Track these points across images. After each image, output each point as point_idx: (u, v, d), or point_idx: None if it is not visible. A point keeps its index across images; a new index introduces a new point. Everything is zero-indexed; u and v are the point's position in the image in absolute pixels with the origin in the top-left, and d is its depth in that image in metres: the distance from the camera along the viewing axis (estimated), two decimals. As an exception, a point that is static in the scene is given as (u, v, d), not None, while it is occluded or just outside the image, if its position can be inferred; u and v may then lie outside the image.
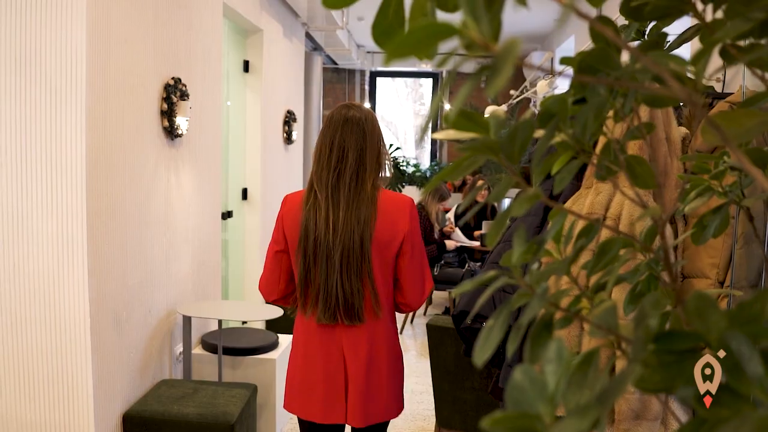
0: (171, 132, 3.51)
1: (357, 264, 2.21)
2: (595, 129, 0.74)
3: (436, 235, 6.37)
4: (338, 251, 2.20)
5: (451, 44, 0.48)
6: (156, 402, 3.12)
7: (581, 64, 0.71)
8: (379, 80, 11.28)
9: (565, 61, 0.73)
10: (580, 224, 2.40)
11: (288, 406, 2.38)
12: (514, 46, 0.41)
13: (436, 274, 6.32)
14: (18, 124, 2.66)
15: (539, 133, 0.68)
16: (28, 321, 2.73)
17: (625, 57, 0.71)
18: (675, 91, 0.50)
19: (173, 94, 3.48)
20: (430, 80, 11.08)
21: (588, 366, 0.59)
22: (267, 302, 2.54)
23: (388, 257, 2.27)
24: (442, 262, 6.47)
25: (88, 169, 2.71)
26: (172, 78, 3.52)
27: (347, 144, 2.22)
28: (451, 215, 7.43)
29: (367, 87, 10.90)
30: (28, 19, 2.62)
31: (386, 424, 2.42)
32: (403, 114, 12.34)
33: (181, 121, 3.56)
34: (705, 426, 0.52)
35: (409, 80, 12.06)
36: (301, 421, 2.42)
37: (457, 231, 6.86)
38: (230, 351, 3.81)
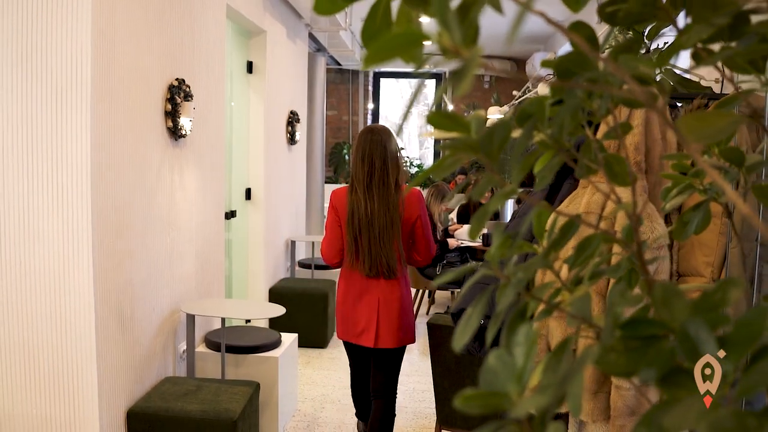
0: (175, 132, 3.56)
1: (389, 237, 3.18)
2: (572, 129, 0.77)
3: (438, 235, 6.40)
4: (376, 228, 3.17)
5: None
6: (159, 399, 3.17)
7: (559, 67, 0.75)
8: (383, 81, 11.32)
9: (545, 64, 0.77)
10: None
11: (340, 336, 3.41)
12: (476, 55, 0.45)
13: (438, 273, 6.35)
14: (24, 124, 2.70)
15: (517, 132, 0.72)
16: (34, 318, 2.78)
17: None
18: (635, 93, 0.54)
19: (177, 94, 3.52)
20: (433, 81, 11.09)
21: (562, 352, 0.63)
22: (327, 264, 3.40)
23: (407, 231, 3.27)
24: (445, 261, 6.49)
25: (93, 168, 2.75)
26: (176, 79, 3.57)
27: (374, 156, 3.16)
28: (453, 215, 7.46)
29: (370, 88, 10.93)
30: (34, 20, 2.67)
31: (404, 348, 3.42)
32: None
33: (184, 122, 3.60)
34: (666, 405, 0.55)
35: (413, 81, 12.08)
36: (346, 344, 3.46)
37: (464, 228, 6.87)
38: (233, 349, 3.85)
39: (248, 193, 5.56)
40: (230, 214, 5.11)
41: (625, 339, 0.60)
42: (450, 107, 10.55)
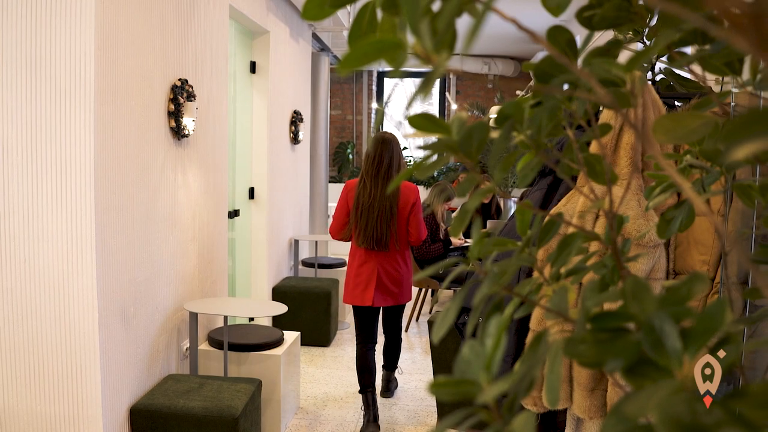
0: (178, 132, 3.59)
1: (386, 219, 4.00)
2: (550, 129, 0.80)
3: (441, 235, 6.42)
4: (375, 212, 3.99)
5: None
6: (162, 396, 3.20)
7: (537, 70, 0.77)
8: (387, 80, 11.34)
9: (526, 67, 0.80)
10: (575, 220, 2.46)
11: (346, 299, 4.21)
12: (443, 61, 0.47)
13: (441, 272, 6.38)
14: (28, 124, 2.74)
15: (495, 133, 0.74)
16: (38, 316, 2.81)
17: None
18: (600, 97, 0.56)
19: (180, 95, 3.55)
20: (437, 81, 11.14)
21: (538, 344, 0.66)
22: (334, 239, 4.22)
23: (403, 216, 4.06)
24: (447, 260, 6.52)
25: (97, 168, 2.79)
26: (179, 79, 3.60)
27: (383, 156, 4.00)
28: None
29: (374, 87, 10.95)
30: (38, 23, 2.70)
31: (404, 306, 4.36)
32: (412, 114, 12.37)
33: (187, 122, 3.63)
34: (631, 394, 0.58)
35: (418, 81, 12.09)
36: (354, 307, 4.24)
37: None
38: (236, 347, 3.89)
39: (251, 193, 5.59)
40: (233, 213, 5.14)
41: (594, 331, 0.63)
42: (453, 107, 10.56)
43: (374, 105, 10.95)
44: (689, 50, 0.81)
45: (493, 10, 0.57)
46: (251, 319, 5.25)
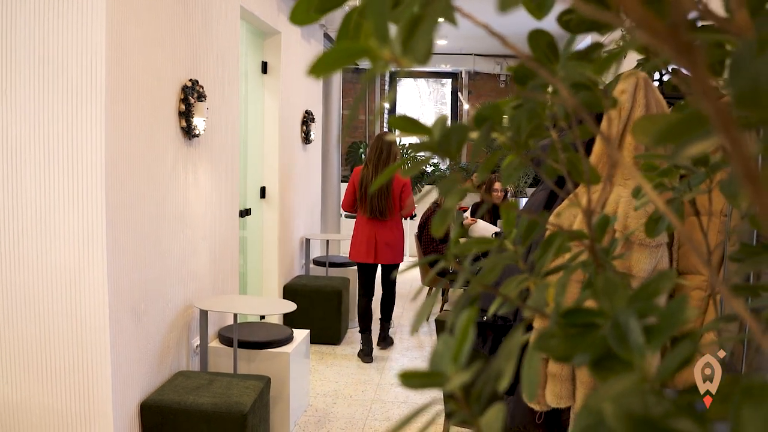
0: (188, 132, 3.63)
1: (384, 195, 5.32)
2: (530, 131, 0.82)
3: (452, 234, 6.44)
4: (376, 191, 5.16)
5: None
6: (172, 392, 3.24)
7: (515, 73, 0.80)
8: (400, 80, 11.35)
9: (509, 69, 0.82)
10: (579, 219, 2.47)
11: (352, 257, 5.61)
12: (405, 66, 0.49)
13: (451, 271, 6.39)
14: (40, 124, 2.79)
15: (474, 134, 0.77)
16: (50, 312, 2.86)
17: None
18: (565, 101, 0.58)
19: (190, 95, 3.59)
20: (449, 80, 11.12)
21: (515, 338, 0.68)
22: (345, 210, 5.67)
23: (396, 194, 5.40)
24: (458, 259, 6.54)
25: (108, 166, 2.83)
26: (190, 80, 3.64)
27: (382, 147, 5.28)
28: (468, 213, 7.49)
29: (386, 87, 10.97)
30: (50, 23, 2.75)
31: (398, 265, 5.63)
32: (425, 114, 12.41)
33: (198, 122, 3.67)
34: (598, 387, 0.60)
35: (431, 80, 12.10)
36: (358, 264, 5.64)
37: (479, 223, 6.85)
38: (246, 344, 3.92)
39: (263, 192, 5.64)
40: (245, 212, 5.18)
41: (565, 326, 0.65)
42: (466, 107, 10.57)
43: (386, 105, 10.98)
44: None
45: (464, 14, 0.59)
46: (262, 317, 5.29)
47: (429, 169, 10.89)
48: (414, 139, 0.74)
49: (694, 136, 0.43)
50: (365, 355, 5.54)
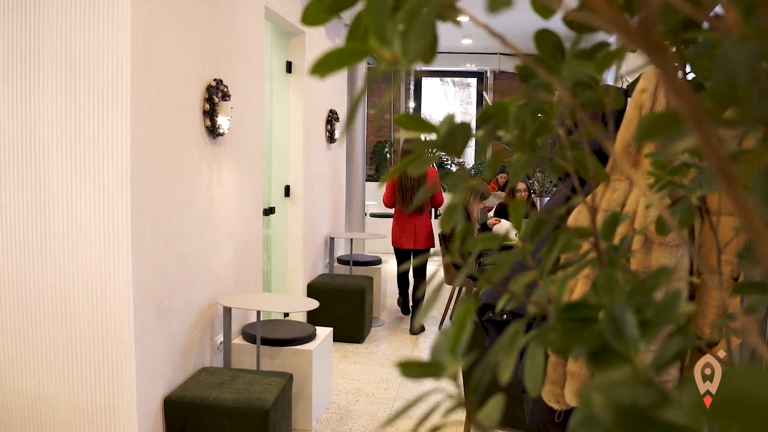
0: (213, 131, 3.68)
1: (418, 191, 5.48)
2: (535, 129, 0.83)
3: (474, 233, 6.46)
4: (409, 187, 6.17)
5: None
6: (196, 387, 3.29)
7: (522, 71, 0.81)
8: (425, 80, 11.36)
9: (516, 68, 0.83)
10: (601, 217, 2.48)
11: (394, 244, 6.43)
12: (405, 66, 0.51)
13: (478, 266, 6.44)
14: (67, 124, 2.84)
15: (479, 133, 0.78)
16: (76, 308, 2.92)
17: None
18: (565, 99, 0.59)
19: (215, 95, 3.64)
20: (474, 80, 11.10)
21: (517, 332, 0.70)
22: (386, 206, 6.46)
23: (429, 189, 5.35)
24: (482, 259, 6.54)
25: (133, 166, 2.88)
26: (214, 79, 3.68)
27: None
28: (492, 213, 7.48)
29: (412, 86, 10.98)
30: (76, 25, 2.80)
31: (429, 250, 6.43)
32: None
33: (222, 121, 3.72)
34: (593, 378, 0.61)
35: (456, 80, 12.09)
36: (396, 249, 6.48)
37: (503, 222, 6.85)
38: (269, 342, 3.96)
39: (287, 190, 5.68)
40: (269, 211, 5.23)
41: (564, 320, 0.67)
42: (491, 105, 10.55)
43: (412, 104, 10.99)
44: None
45: (466, 14, 0.61)
46: (286, 314, 5.33)
47: (455, 168, 10.89)
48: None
49: (673, 133, 0.44)
50: (414, 332, 6.21)
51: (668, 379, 2.19)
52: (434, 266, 9.05)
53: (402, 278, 6.91)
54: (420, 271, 6.81)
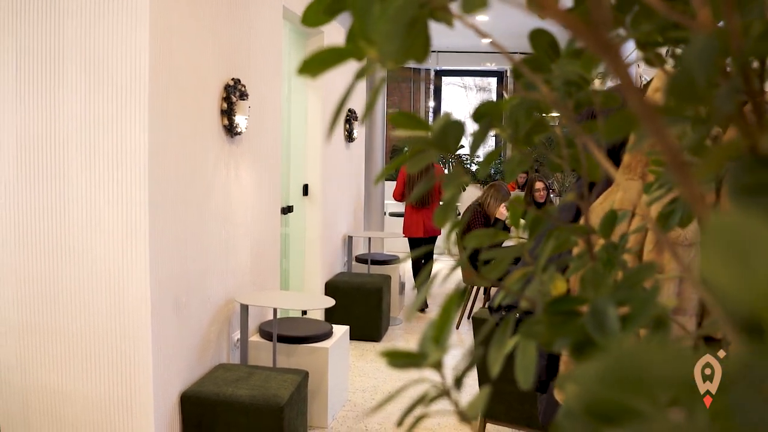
0: (230, 130, 3.71)
1: (428, 188, 5.34)
2: (530, 127, 0.84)
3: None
4: (418, 182, 6.37)
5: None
6: (212, 384, 3.32)
7: (515, 70, 0.82)
8: (445, 79, 11.35)
9: (512, 67, 0.85)
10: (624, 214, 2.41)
11: (406, 234, 6.99)
12: (390, 67, 0.53)
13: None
14: (87, 122, 2.89)
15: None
16: (94, 303, 2.97)
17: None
18: (545, 98, 0.61)
19: (233, 94, 3.67)
20: (494, 79, 11.07)
21: (507, 326, 0.71)
22: (396, 200, 6.92)
23: (437, 186, 5.64)
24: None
25: (151, 163, 2.92)
26: (232, 79, 3.72)
27: None
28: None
29: (432, 86, 10.98)
30: (96, 25, 2.85)
31: (437, 237, 7.24)
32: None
33: (240, 120, 3.75)
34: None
35: (478, 79, 12.07)
36: (409, 239, 7.09)
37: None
38: (286, 339, 3.99)
39: (305, 189, 5.71)
40: (287, 209, 5.27)
41: (550, 314, 0.68)
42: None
43: (431, 103, 11.00)
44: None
45: (456, 17, 0.62)
46: (304, 312, 5.37)
47: (474, 167, 10.88)
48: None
49: (632, 131, 0.45)
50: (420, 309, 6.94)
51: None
52: (440, 264, 9.01)
53: (416, 266, 7.56)
54: (428, 258, 7.24)
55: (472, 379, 5.01)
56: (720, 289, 0.23)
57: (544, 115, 0.86)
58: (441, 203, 0.80)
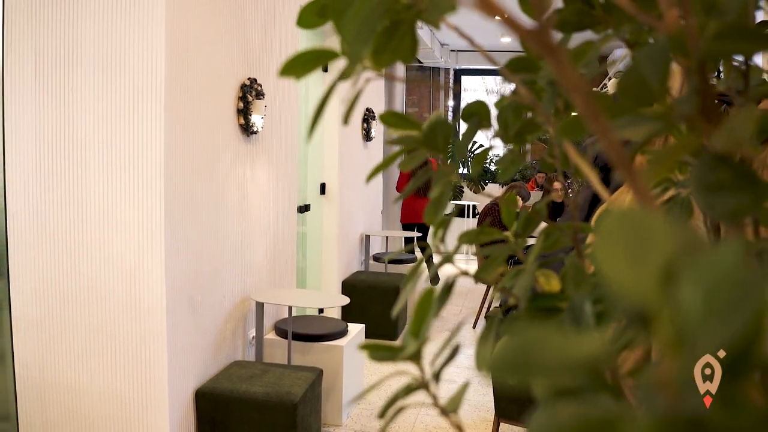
0: (247, 129, 3.75)
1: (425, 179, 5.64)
2: (520, 126, 0.86)
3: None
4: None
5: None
6: (226, 380, 3.36)
7: (502, 72, 0.84)
8: (464, 78, 11.34)
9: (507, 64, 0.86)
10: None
11: (403, 220, 7.61)
12: (376, 69, 0.54)
13: (510, 269, 6.41)
14: (104, 121, 2.94)
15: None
16: (110, 300, 3.01)
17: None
18: (522, 97, 0.62)
19: (249, 93, 3.71)
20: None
21: (492, 325, 0.73)
22: (399, 192, 7.19)
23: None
24: (516, 257, 6.53)
25: (167, 162, 2.96)
26: (248, 78, 3.76)
27: None
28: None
29: (451, 85, 10.97)
30: (113, 24, 2.89)
31: None
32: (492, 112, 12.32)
33: (256, 119, 3.79)
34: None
35: (498, 78, 12.02)
36: (405, 224, 7.64)
37: (541, 224, 6.87)
38: (301, 337, 4.02)
39: (323, 188, 5.74)
40: (304, 208, 5.30)
41: (532, 309, 0.69)
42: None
43: (451, 103, 10.99)
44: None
45: (447, 24, 0.64)
46: (321, 311, 5.40)
47: (493, 167, 10.86)
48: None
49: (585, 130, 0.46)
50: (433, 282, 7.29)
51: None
52: (446, 266, 9.05)
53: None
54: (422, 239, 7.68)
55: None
56: (611, 277, 0.24)
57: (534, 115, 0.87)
58: (433, 199, 0.82)
